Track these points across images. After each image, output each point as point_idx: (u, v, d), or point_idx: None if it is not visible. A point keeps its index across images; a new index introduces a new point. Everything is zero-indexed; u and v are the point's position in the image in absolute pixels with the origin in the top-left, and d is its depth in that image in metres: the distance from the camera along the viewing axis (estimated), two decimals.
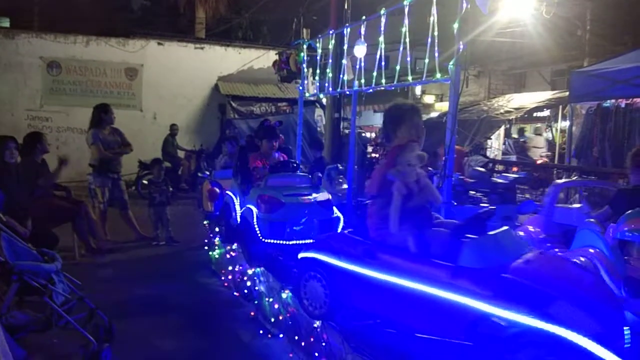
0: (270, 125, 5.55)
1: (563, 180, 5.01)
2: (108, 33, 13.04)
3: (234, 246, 5.34)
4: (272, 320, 4.09)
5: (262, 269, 4.54)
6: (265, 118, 6.43)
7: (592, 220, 3.11)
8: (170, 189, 7.34)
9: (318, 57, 5.51)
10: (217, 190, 6.21)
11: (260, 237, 4.69)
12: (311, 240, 4.44)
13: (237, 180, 5.49)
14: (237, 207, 5.34)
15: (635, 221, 2.57)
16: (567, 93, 8.00)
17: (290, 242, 4.66)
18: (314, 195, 4.93)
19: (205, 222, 6.51)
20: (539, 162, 10.92)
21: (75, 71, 12.68)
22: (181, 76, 13.31)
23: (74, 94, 12.65)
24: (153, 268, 5.99)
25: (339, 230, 4.85)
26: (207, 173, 7.19)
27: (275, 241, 4.70)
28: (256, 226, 4.72)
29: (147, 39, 13.23)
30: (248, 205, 5.02)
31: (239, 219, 5.27)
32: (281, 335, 3.94)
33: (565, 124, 9.38)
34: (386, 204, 3.12)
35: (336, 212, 4.96)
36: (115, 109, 7.19)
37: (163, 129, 12.00)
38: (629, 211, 2.75)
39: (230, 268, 5.25)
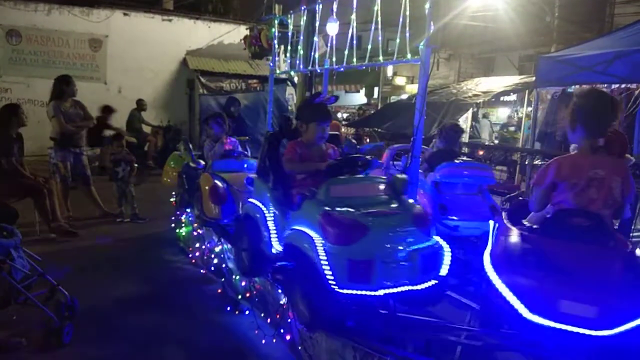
0: (322, 101, 3.70)
1: (396, 145, 5.89)
2: (71, 1, 12.48)
3: (268, 286, 3.78)
4: (240, 297, 4.10)
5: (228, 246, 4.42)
6: (317, 92, 4.34)
7: (420, 171, 4.05)
8: (136, 165, 7.19)
9: (290, 34, 5.39)
10: (222, 186, 4.77)
11: (334, 286, 2.78)
12: (412, 287, 2.83)
13: (267, 185, 3.69)
14: (272, 227, 3.51)
15: (442, 171, 4.29)
16: (534, 78, 8.16)
17: (381, 292, 2.80)
18: (402, 208, 3.11)
19: (172, 200, 6.41)
20: None
21: (36, 41, 12.15)
22: (148, 49, 12.92)
23: (35, 64, 12.15)
24: (117, 245, 5.89)
25: (446, 266, 2.99)
26: (202, 163, 5.46)
27: (361, 292, 2.78)
28: (326, 267, 2.80)
29: (113, 9, 12.74)
30: (299, 228, 3.10)
31: (278, 247, 3.45)
32: (247, 312, 3.96)
33: (531, 108, 9.58)
34: None
35: (435, 237, 3.09)
36: (78, 81, 6.97)
37: (128, 103, 11.67)
38: (442, 164, 4.35)
39: (197, 245, 5.22)
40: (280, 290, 3.51)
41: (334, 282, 2.78)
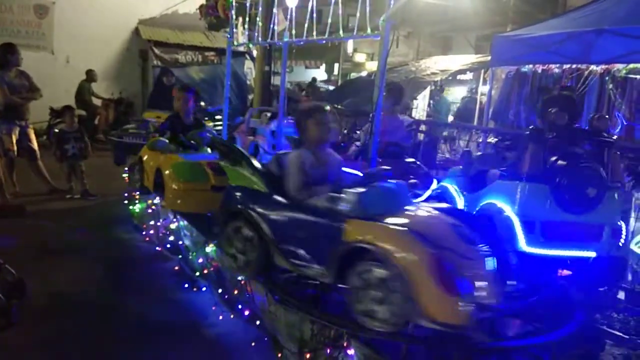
0: None
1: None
2: None
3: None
4: (197, 274, 4.05)
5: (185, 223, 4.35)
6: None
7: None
8: (87, 139, 6.91)
9: (248, 4, 5.25)
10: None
11: None
12: None
13: None
14: None
15: (273, 123, 6.24)
16: (490, 57, 8.31)
17: None
18: None
19: (124, 176, 6.18)
20: None
21: None
22: (98, 16, 12.30)
23: None
24: (67, 222, 5.67)
25: None
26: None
27: None
28: None
29: None
30: None
31: None
32: (204, 289, 3.92)
33: (487, 87, 9.78)
34: None
35: None
36: (23, 50, 6.60)
37: (77, 74, 11.15)
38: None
39: (152, 222, 5.10)
40: None
41: None
